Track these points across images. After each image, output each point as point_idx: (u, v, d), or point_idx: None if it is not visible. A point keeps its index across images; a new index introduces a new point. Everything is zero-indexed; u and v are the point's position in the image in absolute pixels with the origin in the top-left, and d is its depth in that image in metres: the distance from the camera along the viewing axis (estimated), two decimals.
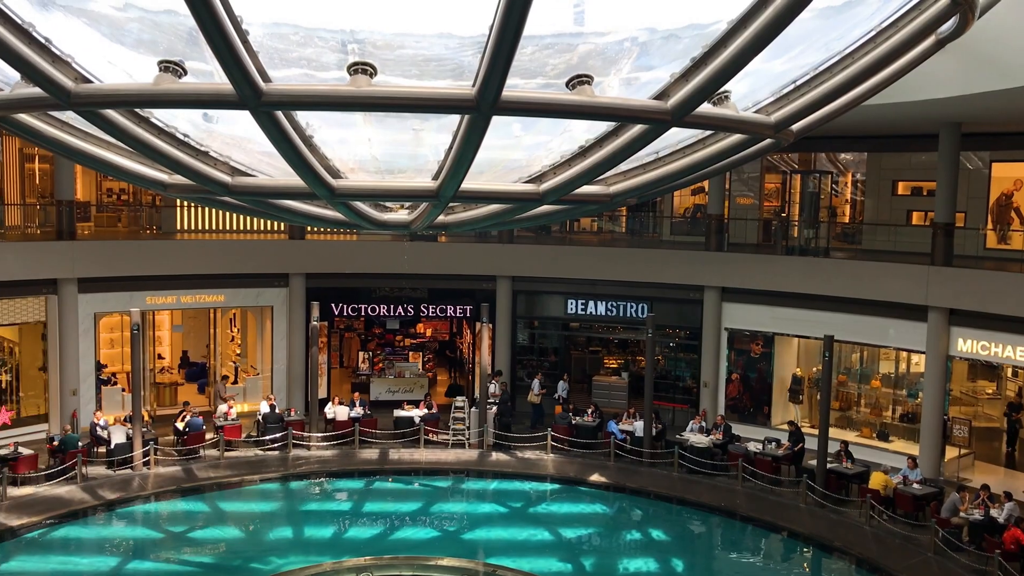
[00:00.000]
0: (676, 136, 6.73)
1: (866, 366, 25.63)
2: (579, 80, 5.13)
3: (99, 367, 25.43)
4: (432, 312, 28.50)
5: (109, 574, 17.58)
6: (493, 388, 25.06)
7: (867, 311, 23.16)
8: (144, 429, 22.03)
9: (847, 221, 31.06)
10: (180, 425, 22.68)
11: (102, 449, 21.88)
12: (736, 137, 6.56)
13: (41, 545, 18.22)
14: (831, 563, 18.73)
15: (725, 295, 25.69)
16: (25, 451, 20.74)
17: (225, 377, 26.24)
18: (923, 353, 22.47)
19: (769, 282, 24.74)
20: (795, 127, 6.52)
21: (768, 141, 6.79)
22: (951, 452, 22.36)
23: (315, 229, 26.94)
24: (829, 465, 20.88)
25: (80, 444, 21.23)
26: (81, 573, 17.36)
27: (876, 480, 19.90)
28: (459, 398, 25.13)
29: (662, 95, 5.31)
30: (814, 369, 25.34)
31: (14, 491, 19.62)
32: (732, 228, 27.50)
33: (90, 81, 5.17)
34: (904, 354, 24.32)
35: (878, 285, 22.83)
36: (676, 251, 27.10)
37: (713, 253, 25.84)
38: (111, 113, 5.57)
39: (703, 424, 23.82)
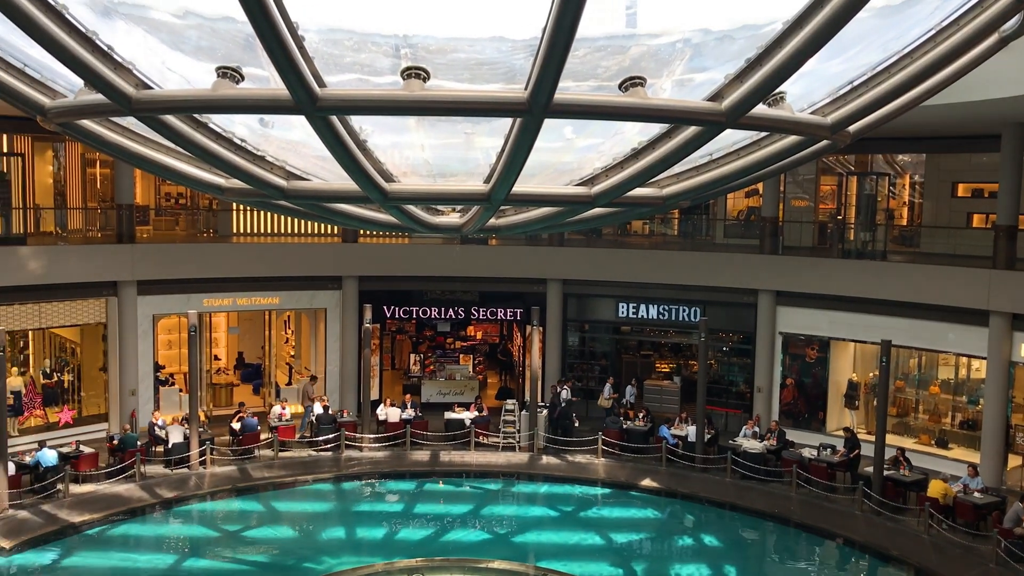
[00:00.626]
0: (730, 138, 6.66)
1: (924, 372, 25.07)
2: (632, 82, 5.09)
3: (157, 368, 25.92)
4: (482, 315, 28.56)
5: (166, 571, 17.91)
6: (565, 393, 24.93)
7: (926, 315, 22.67)
8: (200, 429, 22.42)
9: (905, 224, 30.47)
10: (235, 425, 23.03)
11: (160, 448, 22.30)
12: (791, 139, 6.46)
13: (102, 541, 18.62)
14: (888, 572, 18.34)
15: (779, 299, 25.34)
16: (86, 449, 21.23)
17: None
18: (984, 359, 21.93)
19: (825, 286, 24.36)
20: (852, 128, 6.40)
21: (824, 143, 6.69)
22: (1014, 460, 21.79)
23: (368, 232, 27.16)
24: (886, 472, 20.47)
25: (139, 443, 21.69)
26: (140, 570, 17.72)
27: (935, 488, 19.45)
28: (509, 401, 25.15)
29: (716, 96, 5.26)
30: (871, 374, 24.88)
31: (76, 488, 20.11)
32: (787, 231, 27.13)
33: (150, 87, 5.28)
34: (964, 360, 23.76)
35: (937, 289, 22.35)
36: (729, 254, 26.75)
37: (767, 256, 25.52)
38: (171, 118, 5.68)
39: (756, 429, 23.53)
